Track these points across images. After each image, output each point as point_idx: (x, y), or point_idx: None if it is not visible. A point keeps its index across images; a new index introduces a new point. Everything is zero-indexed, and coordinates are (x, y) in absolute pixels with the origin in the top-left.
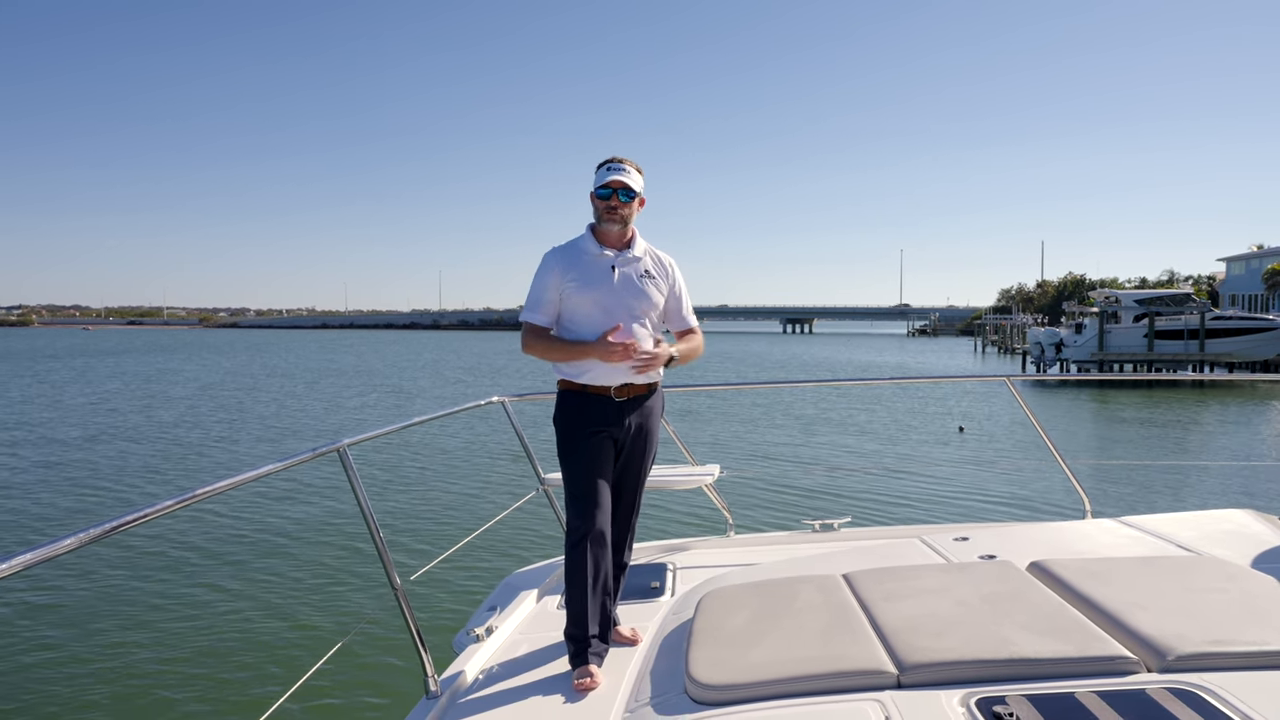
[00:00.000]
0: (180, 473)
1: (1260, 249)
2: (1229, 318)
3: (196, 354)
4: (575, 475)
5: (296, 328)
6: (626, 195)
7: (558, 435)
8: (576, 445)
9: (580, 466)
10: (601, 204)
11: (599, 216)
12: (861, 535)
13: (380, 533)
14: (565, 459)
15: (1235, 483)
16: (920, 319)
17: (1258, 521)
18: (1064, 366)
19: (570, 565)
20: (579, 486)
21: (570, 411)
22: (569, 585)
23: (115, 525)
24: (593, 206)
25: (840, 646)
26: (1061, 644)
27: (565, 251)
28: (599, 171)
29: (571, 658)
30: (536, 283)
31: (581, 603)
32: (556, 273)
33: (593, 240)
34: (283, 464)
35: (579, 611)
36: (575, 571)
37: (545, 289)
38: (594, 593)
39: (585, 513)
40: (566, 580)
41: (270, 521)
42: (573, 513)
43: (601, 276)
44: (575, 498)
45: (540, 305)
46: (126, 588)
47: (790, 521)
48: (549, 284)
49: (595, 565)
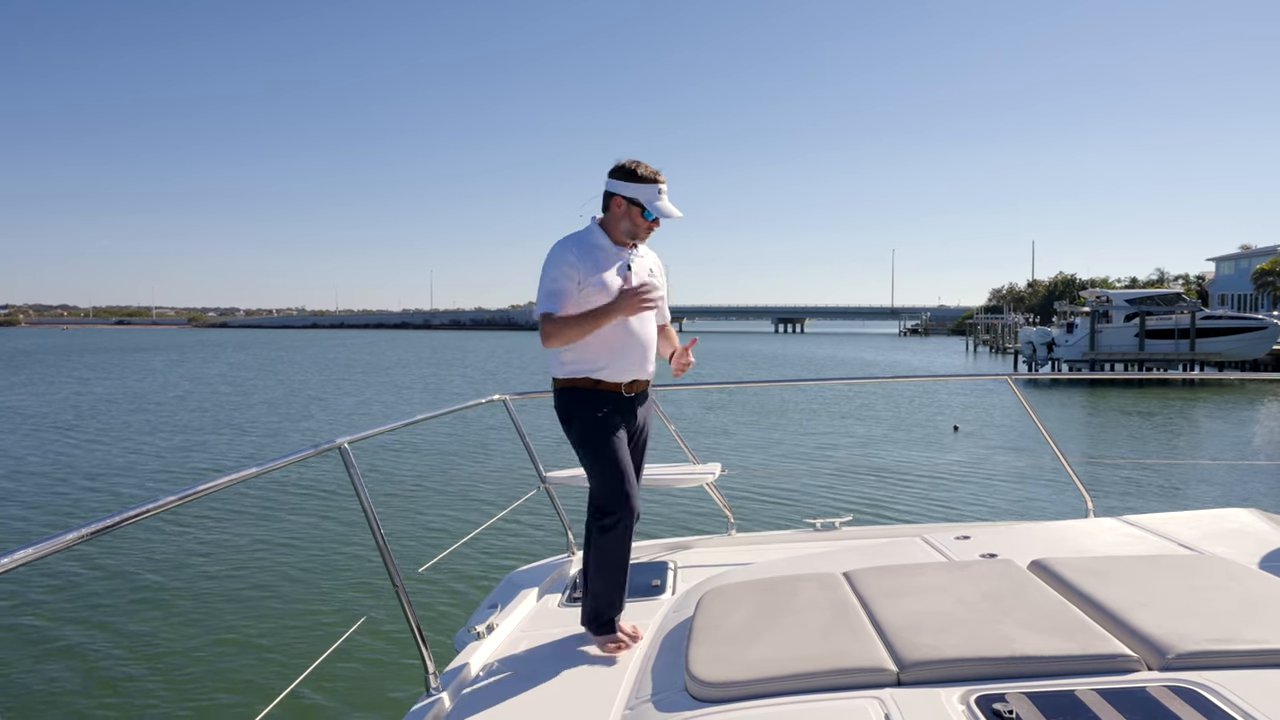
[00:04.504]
0: (173, 473)
1: (1248, 249)
2: (1219, 317)
3: (160, 355)
4: (609, 461)
5: (287, 327)
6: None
7: (580, 427)
8: (605, 433)
9: (614, 452)
10: (644, 224)
11: (633, 231)
12: (863, 534)
13: (381, 530)
14: (595, 447)
15: (1237, 482)
16: (912, 318)
17: (1261, 520)
18: (1055, 366)
19: (608, 548)
20: (614, 471)
21: (589, 404)
22: (606, 570)
23: (115, 521)
24: (621, 213)
25: (840, 644)
26: (1062, 642)
27: (580, 246)
28: (645, 186)
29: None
30: (554, 273)
31: (619, 587)
32: (575, 266)
33: (605, 236)
34: (283, 461)
35: (615, 597)
36: (613, 552)
37: (566, 279)
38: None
39: (621, 496)
40: (602, 564)
41: (271, 518)
42: (607, 498)
43: (616, 281)
44: (610, 481)
45: (560, 296)
46: (127, 584)
47: (791, 520)
48: (570, 275)
49: (628, 549)
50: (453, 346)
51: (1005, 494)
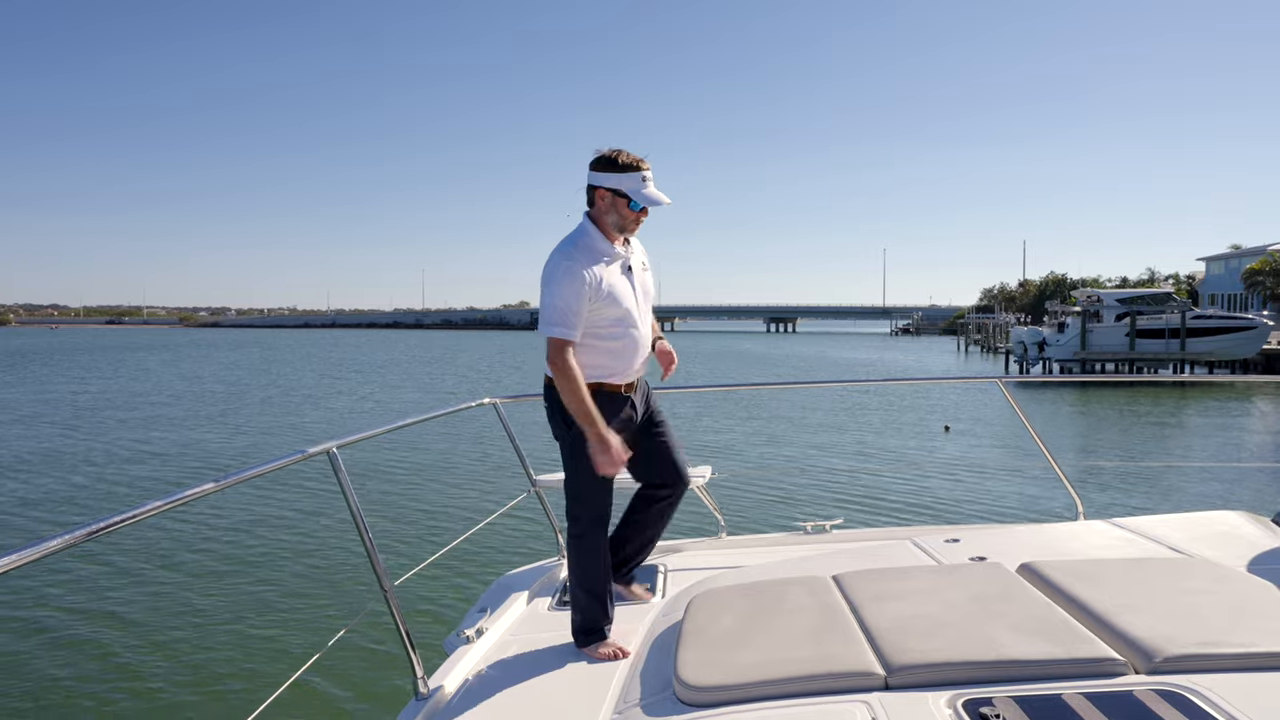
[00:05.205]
0: (162, 475)
1: (1238, 249)
2: (1209, 317)
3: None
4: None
5: (279, 327)
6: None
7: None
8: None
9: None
10: (632, 215)
11: (621, 224)
12: (853, 536)
13: (370, 534)
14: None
15: (1226, 484)
16: (903, 318)
17: (1249, 523)
18: (1046, 365)
19: (588, 559)
20: (596, 485)
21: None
22: (587, 574)
23: (101, 527)
24: (610, 206)
25: (828, 647)
26: (1049, 645)
27: (589, 257)
28: (628, 175)
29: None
30: (567, 293)
31: (605, 590)
32: (587, 283)
33: (603, 238)
34: (271, 465)
35: (604, 599)
36: (594, 563)
37: (579, 299)
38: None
39: (596, 504)
40: (585, 576)
41: (259, 523)
42: (581, 505)
43: (624, 284)
44: (586, 491)
45: (575, 316)
46: (113, 590)
47: (782, 523)
48: (583, 294)
49: (606, 552)
50: (445, 346)
51: (996, 496)
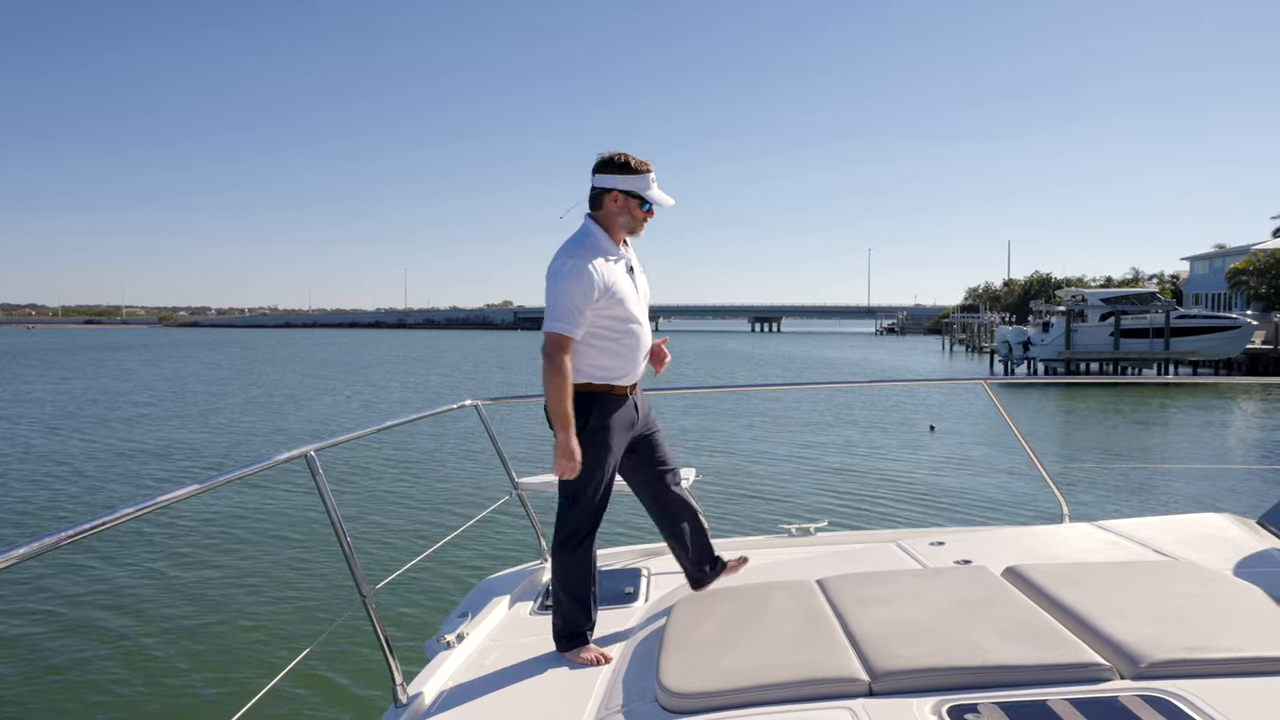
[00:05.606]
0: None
1: (1222, 248)
2: (1194, 316)
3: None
4: (594, 478)
5: (259, 327)
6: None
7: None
8: (605, 449)
9: (603, 470)
10: (641, 215)
11: (632, 225)
12: (838, 539)
13: (348, 539)
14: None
15: (1212, 485)
16: (888, 318)
17: (1235, 525)
18: (1031, 365)
19: (575, 563)
20: (594, 489)
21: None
22: (571, 577)
23: (74, 533)
24: (618, 209)
25: (812, 654)
26: (1035, 651)
27: (596, 257)
28: (639, 177)
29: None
30: (574, 291)
31: (588, 594)
32: (595, 283)
33: (608, 239)
34: (248, 469)
35: (587, 603)
36: (581, 568)
37: (586, 299)
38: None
39: (591, 514)
40: (570, 580)
41: (236, 527)
42: (574, 506)
43: (627, 284)
44: (582, 493)
45: (580, 315)
46: (86, 596)
47: (767, 525)
48: (592, 295)
49: (592, 556)
50: (429, 346)
51: (981, 498)
